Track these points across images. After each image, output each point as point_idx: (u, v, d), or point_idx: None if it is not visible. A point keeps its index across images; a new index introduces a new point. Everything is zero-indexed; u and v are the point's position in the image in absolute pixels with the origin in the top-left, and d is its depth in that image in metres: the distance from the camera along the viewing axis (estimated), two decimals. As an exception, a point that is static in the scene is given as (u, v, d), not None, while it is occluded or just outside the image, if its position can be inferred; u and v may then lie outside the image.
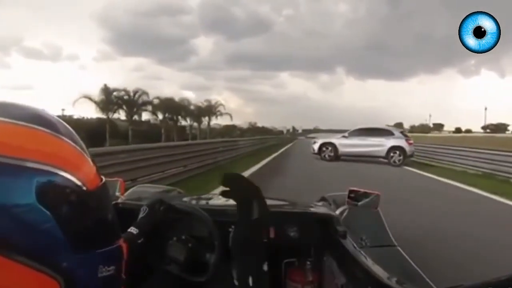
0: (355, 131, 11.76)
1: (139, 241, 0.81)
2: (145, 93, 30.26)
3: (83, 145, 0.47)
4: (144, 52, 78.66)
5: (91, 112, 28.91)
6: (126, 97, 29.48)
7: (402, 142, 11.09)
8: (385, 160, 11.00)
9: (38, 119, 0.42)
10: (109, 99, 28.66)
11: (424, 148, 12.45)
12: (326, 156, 11.59)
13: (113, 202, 1.05)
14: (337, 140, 11.72)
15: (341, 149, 11.46)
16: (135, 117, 30.89)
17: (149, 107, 31.48)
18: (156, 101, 31.97)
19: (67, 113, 28.06)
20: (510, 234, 3.36)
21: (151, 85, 69.55)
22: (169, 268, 0.92)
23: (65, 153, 0.43)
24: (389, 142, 11.03)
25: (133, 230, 0.83)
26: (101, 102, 28.09)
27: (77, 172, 0.43)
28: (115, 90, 29.22)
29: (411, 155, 11.07)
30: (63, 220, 0.40)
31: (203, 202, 1.26)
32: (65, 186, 0.41)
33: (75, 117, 28.48)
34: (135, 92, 29.87)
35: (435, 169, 9.48)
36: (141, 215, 0.89)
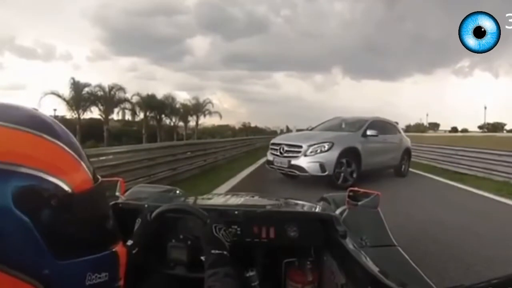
0: (374, 124, 6.95)
1: (134, 252, 0.88)
2: (122, 88, 29.51)
3: (78, 146, 0.49)
4: (138, 52, 78.22)
5: (62, 110, 28.08)
6: (100, 93, 28.71)
7: (409, 143, 7.90)
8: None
9: (27, 120, 0.44)
10: (80, 96, 27.83)
11: (444, 151, 9.92)
12: (344, 176, 6.08)
13: (113, 202, 1.11)
14: (359, 143, 6.43)
15: (366, 160, 6.38)
16: (112, 116, 30.37)
17: (127, 105, 30.91)
18: (136, 98, 31.38)
19: (59, 113, 27.50)
20: None
21: (145, 85, 69.78)
22: (176, 272, 0.99)
23: (51, 155, 0.44)
24: (403, 144, 7.55)
25: (128, 242, 0.89)
26: (70, 98, 27.32)
27: (63, 174, 0.44)
28: (86, 85, 28.39)
29: None
30: (44, 225, 0.41)
31: (203, 202, 1.33)
32: (46, 189, 0.42)
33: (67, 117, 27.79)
34: (111, 88, 28.99)
35: (474, 180, 7.21)
36: (136, 227, 0.97)
